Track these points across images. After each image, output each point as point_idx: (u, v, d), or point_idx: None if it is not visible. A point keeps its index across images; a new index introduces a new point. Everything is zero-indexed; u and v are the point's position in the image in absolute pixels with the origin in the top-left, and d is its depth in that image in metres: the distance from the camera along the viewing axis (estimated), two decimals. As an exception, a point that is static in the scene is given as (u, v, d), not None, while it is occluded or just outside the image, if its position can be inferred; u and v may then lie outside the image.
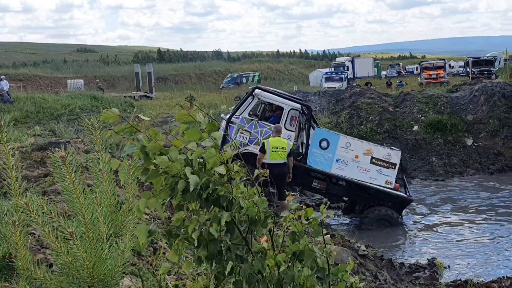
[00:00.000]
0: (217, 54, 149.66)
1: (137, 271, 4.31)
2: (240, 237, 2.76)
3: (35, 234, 5.48)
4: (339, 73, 58.23)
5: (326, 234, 3.21)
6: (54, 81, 72.61)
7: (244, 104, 16.17)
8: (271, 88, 18.34)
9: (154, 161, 2.51)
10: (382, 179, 15.90)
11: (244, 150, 15.46)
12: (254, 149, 15.15)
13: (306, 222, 3.06)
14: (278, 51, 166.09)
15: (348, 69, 67.40)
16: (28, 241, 2.79)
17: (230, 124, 15.92)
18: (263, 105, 16.56)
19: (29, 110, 29.90)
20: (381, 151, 16.25)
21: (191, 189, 2.52)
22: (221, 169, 2.60)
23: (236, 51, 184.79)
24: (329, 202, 8.91)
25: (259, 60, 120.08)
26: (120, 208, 3.09)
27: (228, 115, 16.30)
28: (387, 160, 16.08)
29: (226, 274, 2.77)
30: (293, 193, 4.19)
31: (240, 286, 2.81)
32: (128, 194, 3.08)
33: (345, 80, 53.73)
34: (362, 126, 27.07)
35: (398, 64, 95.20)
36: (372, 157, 15.95)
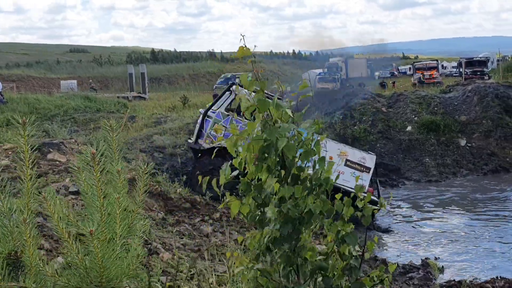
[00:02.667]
0: (211, 55, 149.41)
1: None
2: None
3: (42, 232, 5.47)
4: (333, 74, 58.22)
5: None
6: (47, 82, 72.36)
7: (221, 99, 16.26)
8: None
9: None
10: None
11: (219, 144, 15.65)
12: None
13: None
14: (271, 52, 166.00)
15: (341, 70, 67.43)
16: (36, 240, 2.82)
17: (206, 118, 16.05)
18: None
19: (22, 111, 29.71)
20: (356, 154, 16.38)
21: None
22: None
23: (230, 51, 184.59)
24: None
25: (252, 61, 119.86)
26: (125, 210, 3.09)
27: (205, 109, 16.43)
28: (362, 164, 16.20)
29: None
30: None
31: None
32: (139, 198, 3.09)
33: (338, 81, 53.73)
34: (355, 127, 27.10)
35: (391, 65, 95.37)
36: (347, 160, 16.03)
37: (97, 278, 2.69)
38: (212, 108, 16.18)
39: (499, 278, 10.78)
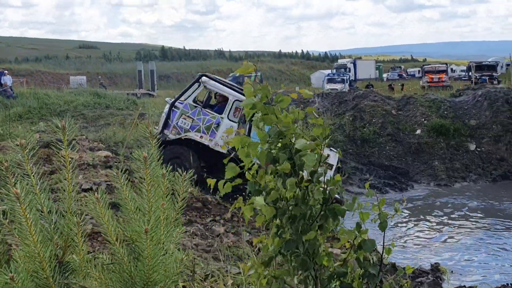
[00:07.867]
0: (219, 53, 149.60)
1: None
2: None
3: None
4: (341, 75, 58.06)
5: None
6: (57, 77, 72.59)
7: (189, 90, 16.21)
8: (218, 77, 18.18)
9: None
10: None
11: (185, 136, 15.68)
12: (195, 135, 15.35)
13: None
14: (280, 52, 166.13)
15: (349, 71, 67.30)
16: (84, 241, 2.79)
17: (173, 109, 15.98)
18: (208, 93, 16.71)
19: (32, 106, 29.77)
20: None
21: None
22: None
23: (238, 50, 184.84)
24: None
25: (261, 60, 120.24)
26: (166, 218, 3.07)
27: (172, 100, 16.43)
28: (325, 161, 16.35)
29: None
30: None
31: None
32: (178, 204, 3.06)
33: (347, 82, 53.62)
34: (365, 129, 27.04)
35: (400, 67, 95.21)
36: None
37: (143, 281, 2.67)
38: (180, 99, 16.16)
39: (509, 285, 10.74)
